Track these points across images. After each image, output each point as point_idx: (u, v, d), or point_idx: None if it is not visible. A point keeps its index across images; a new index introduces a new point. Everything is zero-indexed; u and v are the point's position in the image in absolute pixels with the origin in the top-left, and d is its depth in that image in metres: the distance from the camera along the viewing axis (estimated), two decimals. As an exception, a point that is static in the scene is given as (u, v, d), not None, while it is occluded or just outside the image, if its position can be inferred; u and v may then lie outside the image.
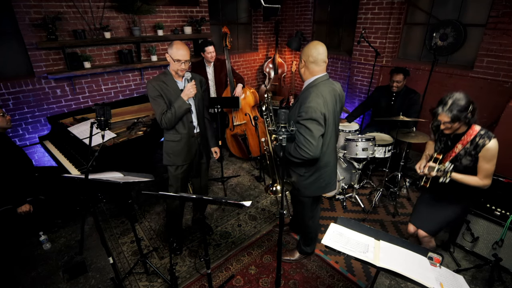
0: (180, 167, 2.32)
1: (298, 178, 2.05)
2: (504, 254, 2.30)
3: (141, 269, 2.42)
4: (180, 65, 2.06)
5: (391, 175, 3.53)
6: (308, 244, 2.46)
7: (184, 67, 2.08)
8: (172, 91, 2.12)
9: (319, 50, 1.80)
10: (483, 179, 1.83)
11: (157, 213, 3.15)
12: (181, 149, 2.26)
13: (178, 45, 2.04)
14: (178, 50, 2.02)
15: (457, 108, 1.74)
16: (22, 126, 3.41)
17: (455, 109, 1.74)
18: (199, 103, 2.28)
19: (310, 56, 1.81)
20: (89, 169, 1.67)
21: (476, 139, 1.80)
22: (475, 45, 3.53)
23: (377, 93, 3.63)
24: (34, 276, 2.39)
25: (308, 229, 2.36)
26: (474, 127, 1.84)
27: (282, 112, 1.55)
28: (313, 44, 1.83)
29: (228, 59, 3.61)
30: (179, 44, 2.05)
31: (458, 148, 1.88)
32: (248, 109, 3.86)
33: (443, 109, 1.77)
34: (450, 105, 1.75)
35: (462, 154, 1.87)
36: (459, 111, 1.74)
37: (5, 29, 3.14)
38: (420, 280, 1.24)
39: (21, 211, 2.41)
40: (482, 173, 1.82)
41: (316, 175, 2.03)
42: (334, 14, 5.01)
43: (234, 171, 3.99)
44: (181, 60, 2.04)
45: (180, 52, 2.02)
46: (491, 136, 1.77)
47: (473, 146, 1.81)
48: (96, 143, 2.49)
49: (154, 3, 3.91)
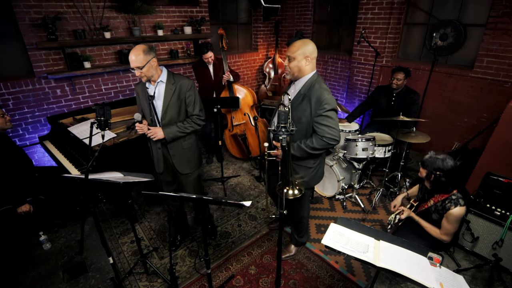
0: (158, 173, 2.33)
1: (306, 171, 2.11)
2: (504, 254, 2.30)
3: (141, 269, 2.42)
4: (135, 72, 1.96)
5: (391, 175, 3.53)
6: (303, 234, 2.53)
7: (137, 74, 1.95)
8: (142, 95, 2.14)
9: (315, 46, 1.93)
10: (442, 235, 2.02)
11: (157, 213, 3.15)
12: (152, 154, 2.28)
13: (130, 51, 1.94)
14: (129, 56, 1.92)
15: (432, 166, 1.94)
16: (22, 126, 3.41)
17: (430, 166, 1.96)
18: (170, 111, 2.10)
19: (314, 52, 1.91)
20: (89, 169, 1.67)
21: (446, 201, 1.98)
22: (475, 45, 3.53)
23: (377, 93, 3.63)
24: (34, 276, 2.39)
25: (303, 220, 2.44)
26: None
27: (282, 112, 1.54)
28: (310, 41, 1.92)
29: (225, 61, 3.61)
30: (131, 50, 1.94)
31: (430, 203, 2.09)
32: (247, 109, 3.86)
33: (423, 164, 2.03)
34: (424, 161, 2.00)
35: (432, 209, 2.08)
36: (433, 168, 1.94)
37: (5, 29, 3.14)
38: (420, 280, 1.24)
39: (21, 211, 2.41)
40: (443, 230, 2.01)
41: (321, 163, 2.18)
42: (334, 14, 5.01)
43: (234, 171, 3.99)
44: (132, 68, 1.95)
45: (129, 58, 1.93)
46: (458, 203, 1.93)
47: (441, 206, 2.01)
48: (96, 143, 2.49)
49: (154, 3, 3.91)
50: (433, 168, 1.94)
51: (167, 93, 2.06)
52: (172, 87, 2.06)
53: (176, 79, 2.10)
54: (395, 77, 3.33)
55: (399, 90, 3.41)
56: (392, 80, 3.36)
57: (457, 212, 1.93)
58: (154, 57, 1.99)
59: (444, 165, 1.91)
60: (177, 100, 2.09)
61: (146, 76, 1.98)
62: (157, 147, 2.20)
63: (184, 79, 2.11)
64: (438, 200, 2.03)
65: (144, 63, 1.92)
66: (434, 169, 1.94)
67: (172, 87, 2.06)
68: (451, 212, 1.93)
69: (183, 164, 2.26)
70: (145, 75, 1.97)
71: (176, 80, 2.09)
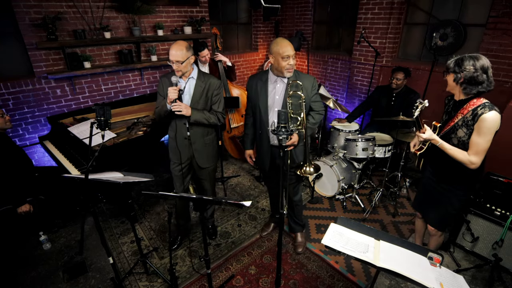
0: (175, 164, 2.36)
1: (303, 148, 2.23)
2: (504, 254, 2.30)
3: (141, 269, 2.42)
4: (172, 64, 2.07)
5: (391, 175, 3.53)
6: (301, 217, 2.65)
7: (175, 67, 2.07)
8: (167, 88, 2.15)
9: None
10: (471, 155, 1.66)
11: (157, 213, 3.15)
12: (174, 147, 2.31)
13: (172, 45, 2.06)
14: (170, 50, 2.05)
15: (455, 58, 1.66)
16: (22, 126, 3.40)
17: (453, 60, 1.67)
18: (197, 106, 2.20)
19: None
20: (89, 169, 1.67)
21: (478, 109, 1.64)
22: (475, 45, 3.53)
23: (377, 93, 3.63)
24: (34, 276, 2.39)
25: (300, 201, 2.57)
26: (480, 98, 1.69)
27: (282, 112, 1.55)
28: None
29: (220, 61, 3.58)
30: (173, 44, 2.06)
31: (458, 118, 1.73)
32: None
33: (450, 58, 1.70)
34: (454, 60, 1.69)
35: (459, 124, 1.72)
36: (455, 63, 1.66)
37: (5, 29, 3.14)
38: (420, 280, 1.23)
39: (21, 211, 2.41)
40: (473, 148, 1.66)
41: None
42: (334, 14, 5.01)
43: (234, 171, 3.99)
44: (171, 60, 2.06)
45: (170, 52, 2.05)
46: (493, 107, 1.61)
47: (472, 116, 1.65)
48: (96, 143, 2.49)
49: (154, 3, 3.91)
50: (464, 64, 1.64)
51: (196, 89, 2.19)
52: (202, 84, 2.19)
53: (206, 77, 2.22)
54: (395, 77, 3.33)
55: (399, 90, 3.41)
56: (392, 80, 3.36)
57: (492, 116, 1.58)
58: (192, 54, 2.12)
59: (474, 60, 1.61)
60: (205, 97, 2.22)
61: (182, 71, 2.09)
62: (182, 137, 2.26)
63: (213, 79, 2.24)
64: (467, 111, 1.69)
65: (185, 59, 2.05)
66: (464, 65, 1.64)
67: (202, 84, 2.19)
68: (484, 116, 1.59)
69: (204, 159, 2.38)
70: (182, 70, 2.08)
71: (206, 79, 2.22)
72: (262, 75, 2.22)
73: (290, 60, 2.00)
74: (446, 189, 1.93)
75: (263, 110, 2.18)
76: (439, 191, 1.98)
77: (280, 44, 1.99)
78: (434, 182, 2.00)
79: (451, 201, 1.94)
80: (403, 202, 3.30)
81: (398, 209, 3.15)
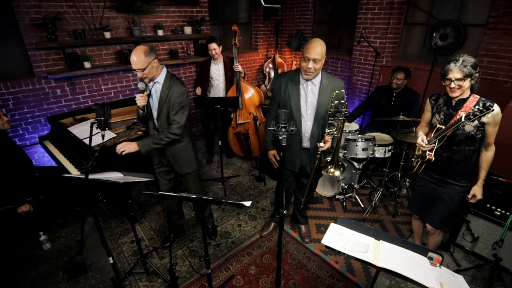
0: (155, 165, 2.39)
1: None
2: (504, 254, 2.30)
3: (141, 269, 2.42)
4: (137, 73, 2.00)
5: (391, 175, 3.53)
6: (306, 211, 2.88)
7: (139, 75, 1.98)
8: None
9: None
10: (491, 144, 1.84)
11: (157, 213, 3.15)
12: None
13: (132, 52, 1.95)
14: (131, 58, 1.95)
15: (470, 64, 1.71)
16: (22, 126, 3.41)
17: (468, 65, 1.71)
18: (164, 112, 2.11)
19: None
20: (89, 169, 1.67)
21: (480, 103, 1.74)
22: (475, 45, 3.53)
23: (377, 93, 3.63)
24: (34, 276, 2.39)
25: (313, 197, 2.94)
26: (474, 95, 1.81)
27: (282, 112, 1.55)
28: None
29: (236, 58, 3.59)
30: (132, 51, 1.95)
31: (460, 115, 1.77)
32: (253, 109, 3.85)
33: (455, 65, 1.73)
34: (462, 61, 1.72)
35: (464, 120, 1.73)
36: (472, 67, 1.71)
37: (5, 29, 3.14)
38: (420, 280, 1.23)
39: (21, 211, 2.41)
40: (491, 137, 1.81)
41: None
42: (334, 14, 5.01)
43: (234, 171, 3.99)
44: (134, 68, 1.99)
45: (131, 60, 1.95)
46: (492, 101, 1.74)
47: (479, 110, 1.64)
48: (96, 143, 2.49)
49: (154, 3, 3.91)
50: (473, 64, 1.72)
51: (161, 95, 2.09)
52: (166, 90, 2.08)
53: (172, 82, 2.09)
54: (395, 77, 3.33)
55: (399, 90, 3.41)
56: (392, 80, 3.36)
57: (499, 109, 1.73)
58: (155, 58, 2.01)
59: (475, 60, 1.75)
60: (167, 104, 2.10)
61: (148, 77, 2.01)
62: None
63: (177, 86, 2.09)
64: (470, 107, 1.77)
65: (145, 65, 1.94)
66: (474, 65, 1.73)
67: (166, 90, 2.08)
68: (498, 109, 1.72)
69: (181, 164, 2.33)
70: (147, 76, 2.00)
71: (170, 85, 2.08)
72: (292, 75, 2.13)
73: (309, 63, 1.94)
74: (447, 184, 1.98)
75: (296, 112, 2.12)
76: (438, 190, 2.02)
77: (308, 44, 1.95)
78: (432, 183, 2.05)
79: (451, 196, 1.98)
80: (403, 202, 3.30)
81: (398, 209, 3.15)
